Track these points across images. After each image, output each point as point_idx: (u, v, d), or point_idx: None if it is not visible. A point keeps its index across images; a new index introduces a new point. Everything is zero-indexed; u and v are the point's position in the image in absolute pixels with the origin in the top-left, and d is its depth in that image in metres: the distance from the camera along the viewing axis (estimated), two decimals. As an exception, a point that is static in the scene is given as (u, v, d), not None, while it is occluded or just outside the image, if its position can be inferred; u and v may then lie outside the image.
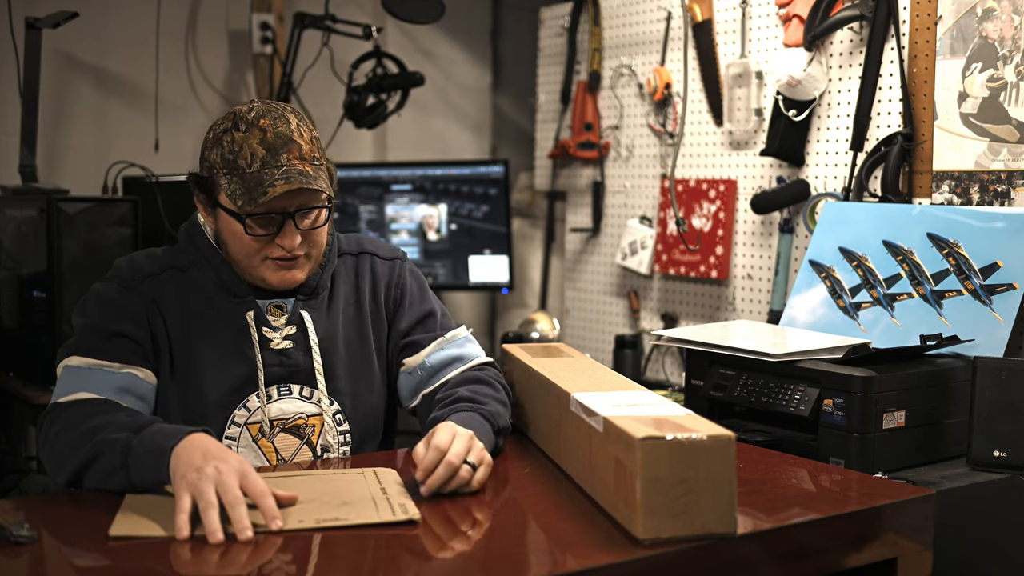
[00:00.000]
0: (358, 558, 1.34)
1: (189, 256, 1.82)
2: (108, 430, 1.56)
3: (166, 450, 1.48)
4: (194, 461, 1.43)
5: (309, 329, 1.81)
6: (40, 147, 3.01)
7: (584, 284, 3.57)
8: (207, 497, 1.38)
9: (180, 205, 2.98)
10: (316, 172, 1.72)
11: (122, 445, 1.52)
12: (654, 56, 3.22)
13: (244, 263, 1.77)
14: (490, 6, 4.18)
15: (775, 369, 2.08)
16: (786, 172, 2.83)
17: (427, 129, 4.03)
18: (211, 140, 1.74)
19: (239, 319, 1.78)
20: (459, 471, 1.54)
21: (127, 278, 1.78)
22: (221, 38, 3.58)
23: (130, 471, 1.52)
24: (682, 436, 1.35)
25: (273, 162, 1.69)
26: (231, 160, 1.70)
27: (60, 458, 1.60)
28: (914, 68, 2.51)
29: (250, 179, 1.69)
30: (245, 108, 1.74)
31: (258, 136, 1.70)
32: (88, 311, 1.77)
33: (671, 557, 1.34)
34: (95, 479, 1.57)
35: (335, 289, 1.87)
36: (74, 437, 1.58)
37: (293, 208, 1.72)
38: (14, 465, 2.82)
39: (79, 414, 1.62)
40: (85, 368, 1.70)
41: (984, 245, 2.22)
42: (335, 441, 1.82)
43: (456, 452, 1.54)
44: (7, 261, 2.90)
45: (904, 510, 1.58)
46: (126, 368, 1.71)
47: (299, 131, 1.73)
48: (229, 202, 1.72)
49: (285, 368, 1.80)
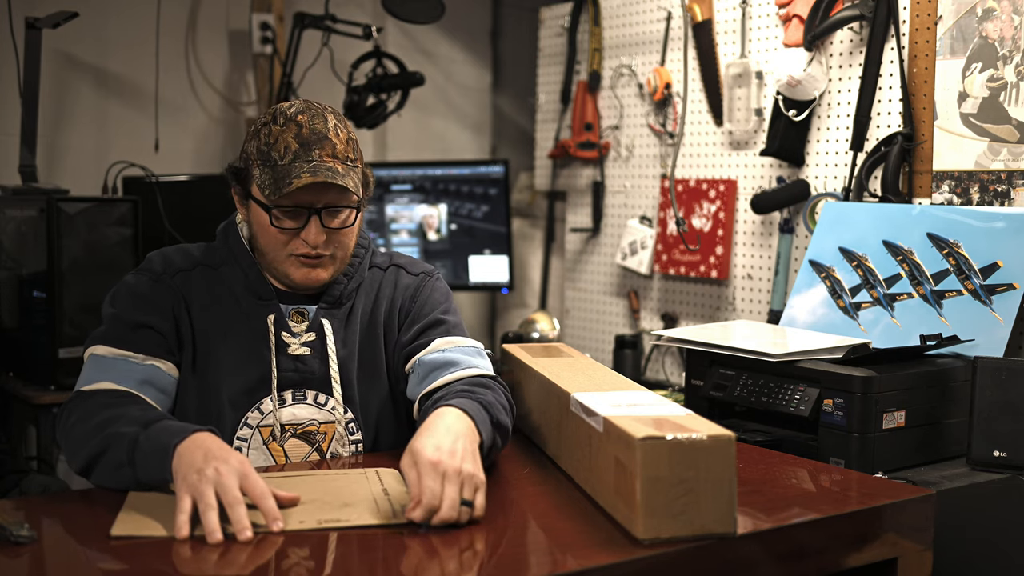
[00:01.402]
0: (359, 558, 1.34)
1: (222, 255, 1.84)
2: (119, 423, 1.57)
3: (169, 448, 1.48)
4: (195, 462, 1.43)
5: (328, 337, 1.81)
6: (40, 147, 3.01)
7: (584, 284, 3.57)
8: (206, 499, 1.39)
9: (180, 205, 2.99)
10: (346, 171, 1.74)
11: (130, 439, 1.53)
12: (654, 56, 3.22)
13: (270, 256, 1.79)
14: (490, 6, 4.18)
15: (775, 369, 2.08)
16: (786, 172, 2.83)
17: (427, 129, 4.03)
18: (251, 133, 1.78)
19: (260, 322, 1.80)
20: (460, 519, 1.43)
21: (158, 272, 1.81)
22: (221, 38, 3.58)
23: (136, 467, 1.52)
24: (682, 436, 1.35)
25: (305, 156, 1.71)
26: (266, 152, 1.73)
27: (75, 447, 1.61)
28: (914, 68, 2.51)
29: (280, 171, 1.71)
30: (287, 104, 1.78)
31: (294, 131, 1.73)
32: (117, 302, 1.79)
33: (671, 557, 1.34)
34: (103, 473, 1.57)
35: (357, 300, 1.86)
36: (88, 428, 1.59)
37: (320, 204, 1.74)
38: (14, 465, 2.82)
39: (97, 404, 1.64)
40: (110, 358, 1.72)
41: (984, 245, 2.22)
42: (346, 450, 1.82)
43: (451, 497, 1.42)
44: (7, 261, 2.90)
45: (904, 510, 1.58)
46: (149, 360, 1.73)
47: (336, 130, 1.75)
48: (259, 192, 1.74)
49: (299, 374, 1.80)
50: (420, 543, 1.39)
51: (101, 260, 2.73)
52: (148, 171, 3.03)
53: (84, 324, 2.70)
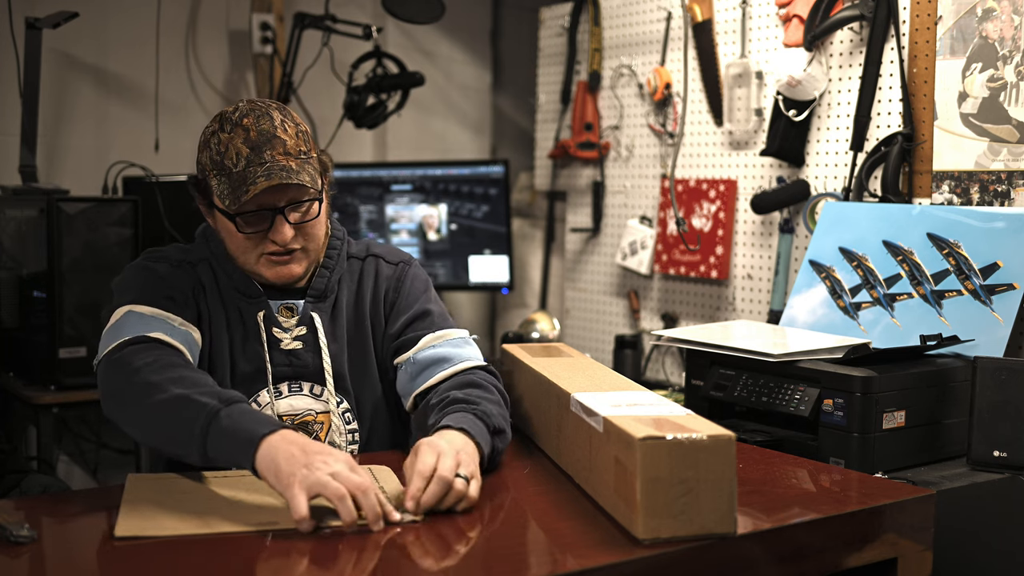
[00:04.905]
0: (358, 558, 1.34)
1: (202, 255, 1.85)
2: (195, 389, 1.54)
3: (256, 437, 1.45)
4: (296, 457, 1.41)
5: (319, 330, 1.83)
6: (40, 147, 3.01)
7: (584, 284, 3.57)
8: (332, 489, 1.37)
9: (180, 205, 2.99)
10: (300, 167, 1.74)
11: (209, 412, 1.49)
12: (654, 56, 3.22)
13: (241, 260, 1.81)
14: (490, 6, 4.18)
15: (775, 369, 2.08)
16: (786, 172, 2.83)
17: (427, 129, 4.03)
18: (202, 143, 1.78)
19: (251, 319, 1.82)
20: (454, 484, 1.47)
21: (176, 260, 1.83)
22: (221, 38, 3.58)
23: (208, 440, 1.48)
24: (682, 436, 1.35)
25: (257, 160, 1.72)
26: (219, 161, 1.74)
27: (140, 391, 1.56)
28: (914, 68, 2.51)
29: (236, 178, 1.72)
30: (231, 109, 1.78)
31: (242, 135, 1.73)
32: (139, 280, 1.77)
33: (671, 557, 1.34)
34: (158, 428, 1.54)
35: (340, 292, 1.89)
36: (162, 379, 1.55)
37: (282, 203, 1.75)
38: (14, 465, 2.82)
39: (171, 353, 1.63)
40: (150, 316, 1.70)
41: (984, 245, 2.22)
42: (343, 440, 1.84)
43: (447, 467, 1.47)
44: (7, 261, 2.90)
45: (904, 510, 1.58)
46: (185, 326, 1.73)
47: (283, 127, 1.75)
48: (220, 202, 1.75)
49: (293, 368, 1.82)
50: (419, 543, 1.39)
51: (101, 260, 2.73)
52: (148, 171, 3.03)
53: (84, 324, 2.70)
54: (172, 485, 1.58)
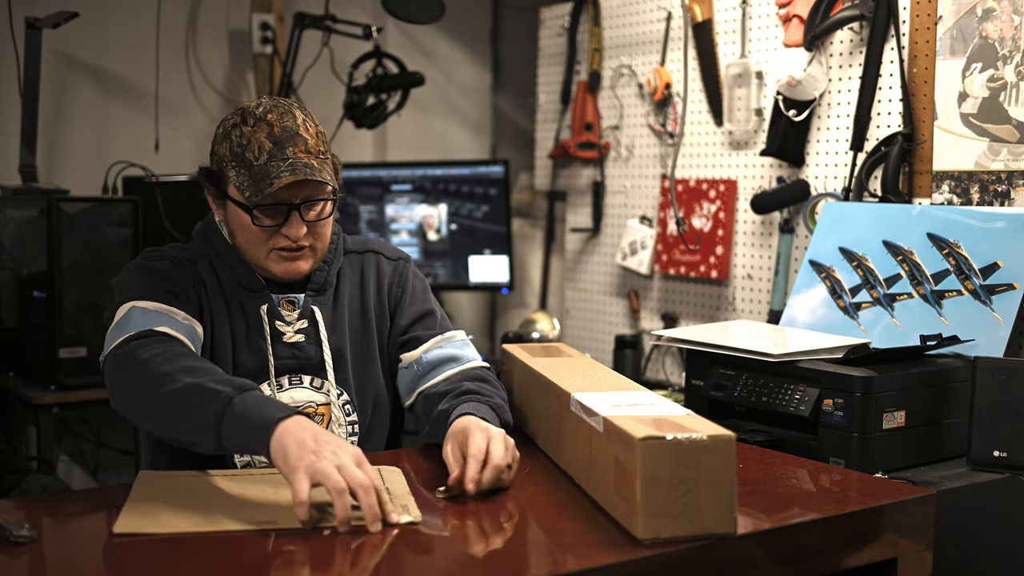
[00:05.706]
0: (359, 558, 1.34)
1: (201, 251, 1.87)
2: (207, 377, 1.54)
3: (271, 421, 1.45)
4: (307, 442, 1.42)
5: (320, 323, 1.86)
6: (40, 147, 3.01)
7: (584, 284, 3.57)
8: (333, 480, 1.38)
9: (180, 205, 2.99)
10: (321, 165, 1.77)
11: (223, 399, 1.49)
12: (654, 56, 3.22)
13: (251, 253, 1.82)
14: (490, 6, 4.18)
15: (775, 369, 2.08)
16: (786, 172, 2.83)
17: (427, 129, 4.03)
18: (220, 135, 1.81)
19: (253, 313, 1.83)
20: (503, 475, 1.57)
21: (176, 257, 1.84)
22: (221, 38, 3.58)
23: (223, 426, 1.48)
24: (682, 436, 1.35)
25: (279, 155, 1.74)
26: (239, 153, 1.76)
27: (151, 382, 1.56)
28: (914, 68, 2.51)
29: (257, 171, 1.74)
30: (254, 104, 1.80)
31: (265, 130, 1.75)
32: (140, 277, 1.78)
33: (671, 557, 1.34)
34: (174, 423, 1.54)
35: (340, 285, 1.92)
36: (172, 368, 1.55)
37: (299, 200, 1.77)
38: (14, 465, 2.82)
39: (177, 345, 1.64)
40: (154, 311, 1.71)
41: (984, 245, 2.22)
42: (342, 431, 1.86)
43: (500, 456, 1.57)
44: (7, 261, 2.90)
45: (904, 510, 1.58)
46: (188, 320, 1.75)
47: (305, 126, 1.78)
48: (237, 194, 1.76)
49: (297, 361, 1.84)
50: (421, 542, 1.39)
51: (101, 260, 2.73)
52: (148, 171, 3.03)
53: (84, 324, 2.70)
54: (180, 483, 1.58)
